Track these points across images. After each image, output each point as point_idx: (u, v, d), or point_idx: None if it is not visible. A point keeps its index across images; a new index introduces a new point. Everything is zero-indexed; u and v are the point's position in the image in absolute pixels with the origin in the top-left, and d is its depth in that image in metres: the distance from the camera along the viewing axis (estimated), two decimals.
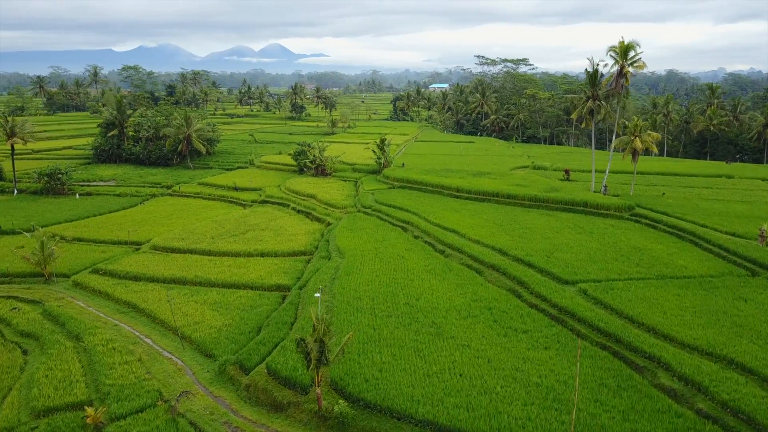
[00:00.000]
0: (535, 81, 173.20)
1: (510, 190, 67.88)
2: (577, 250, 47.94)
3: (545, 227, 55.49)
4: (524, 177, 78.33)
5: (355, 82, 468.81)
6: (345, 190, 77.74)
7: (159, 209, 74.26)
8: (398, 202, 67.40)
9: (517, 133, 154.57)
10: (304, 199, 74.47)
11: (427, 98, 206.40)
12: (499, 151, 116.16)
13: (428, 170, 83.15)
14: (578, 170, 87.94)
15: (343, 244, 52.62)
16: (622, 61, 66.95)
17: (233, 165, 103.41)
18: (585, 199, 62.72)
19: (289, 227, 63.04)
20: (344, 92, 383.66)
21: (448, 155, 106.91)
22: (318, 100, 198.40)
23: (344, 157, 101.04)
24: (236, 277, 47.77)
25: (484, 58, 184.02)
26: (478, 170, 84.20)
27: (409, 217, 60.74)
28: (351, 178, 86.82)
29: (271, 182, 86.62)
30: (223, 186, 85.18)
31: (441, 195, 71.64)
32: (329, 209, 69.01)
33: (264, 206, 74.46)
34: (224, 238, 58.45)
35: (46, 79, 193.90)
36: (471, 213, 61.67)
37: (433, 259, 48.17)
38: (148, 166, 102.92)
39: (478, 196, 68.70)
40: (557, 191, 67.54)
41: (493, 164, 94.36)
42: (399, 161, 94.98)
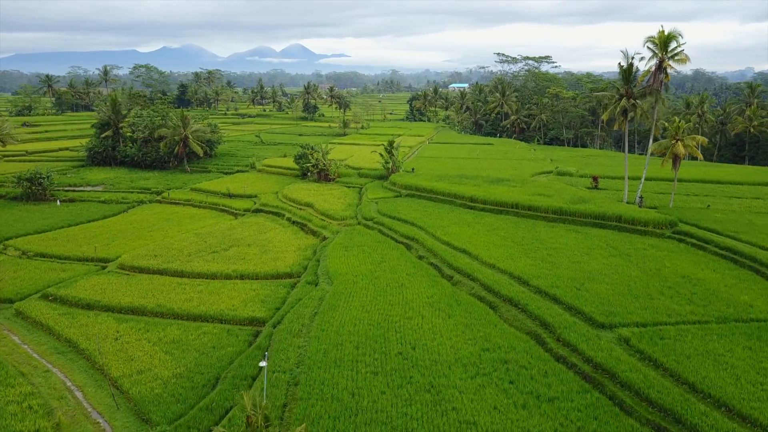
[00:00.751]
0: (558, 80, 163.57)
1: (531, 200, 59.35)
2: (612, 279, 39.37)
3: (573, 247, 46.91)
4: (547, 185, 69.63)
5: (374, 82, 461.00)
6: (347, 199, 69.80)
7: (142, 218, 67.09)
8: (404, 213, 59.29)
9: (538, 134, 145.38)
10: (300, 209, 66.73)
11: (445, 98, 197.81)
12: (520, 154, 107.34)
13: (440, 176, 74.86)
14: (607, 177, 78.94)
15: (334, 266, 44.64)
16: (662, 54, 58.07)
17: (233, 168, 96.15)
18: (618, 213, 53.93)
19: (279, 242, 55.28)
20: (362, 92, 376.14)
21: (463, 159, 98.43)
22: (332, 99, 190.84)
23: (351, 161, 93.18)
24: (204, 306, 40.08)
25: (505, 56, 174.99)
26: (495, 176, 75.69)
27: (414, 233, 52.59)
28: (356, 184, 78.88)
29: (269, 188, 79.05)
30: (216, 192, 77.80)
31: (453, 205, 63.37)
32: (326, 221, 61.14)
33: (257, 216, 66.87)
34: (202, 256, 50.86)
35: (54, 78, 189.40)
36: (486, 228, 53.29)
37: (438, 287, 39.97)
38: (143, 170, 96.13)
39: (495, 207, 60.27)
40: (585, 202, 58.85)
41: (513, 169, 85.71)
42: (410, 165, 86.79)
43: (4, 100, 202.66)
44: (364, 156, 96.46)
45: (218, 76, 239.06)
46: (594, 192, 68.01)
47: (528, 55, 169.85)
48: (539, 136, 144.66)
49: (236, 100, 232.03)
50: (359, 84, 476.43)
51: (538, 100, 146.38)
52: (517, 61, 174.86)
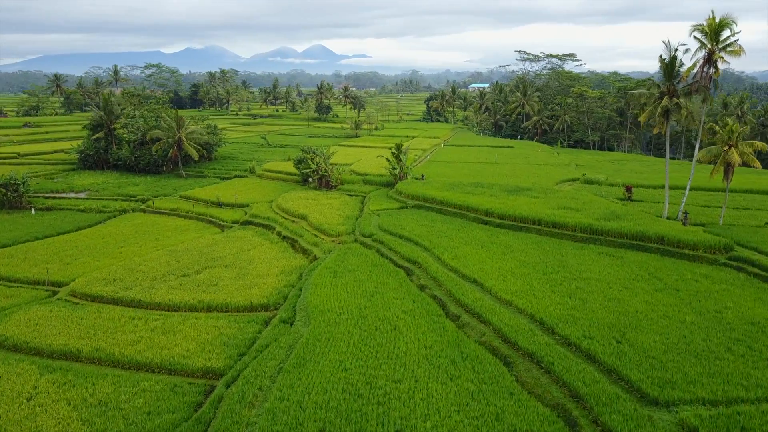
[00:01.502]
0: (583, 79, 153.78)
1: (556, 215, 50.73)
2: (662, 325, 30.76)
3: (608, 278, 38.32)
4: (574, 195, 60.86)
5: (393, 82, 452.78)
6: (347, 210, 61.79)
7: (118, 231, 59.89)
8: (408, 229, 51.11)
9: (562, 136, 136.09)
10: (293, 221, 58.95)
11: (463, 98, 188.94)
12: (542, 158, 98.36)
13: (452, 184, 66.47)
14: (642, 185, 69.84)
15: (316, 299, 36.66)
16: (712, 45, 49.07)
17: (231, 173, 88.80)
18: (660, 232, 45.09)
19: (262, 263, 47.49)
20: (380, 92, 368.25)
21: (480, 163, 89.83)
22: (346, 99, 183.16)
23: (358, 165, 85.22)
24: (153, 351, 32.38)
25: (526, 54, 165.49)
26: (515, 184, 67.10)
27: (417, 255, 44.39)
28: (359, 192, 70.86)
29: (264, 196, 71.45)
30: (206, 201, 70.39)
31: (465, 219, 55.04)
32: (320, 237, 53.22)
33: (245, 229, 59.25)
34: (169, 281, 43.29)
35: (63, 77, 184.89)
36: (502, 250, 44.86)
37: (440, 332, 31.73)
38: (136, 174, 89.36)
39: (514, 223, 51.78)
40: (619, 218, 50.09)
41: (535, 176, 76.94)
42: (421, 171, 78.52)
43: (10, 101, 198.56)
44: (373, 160, 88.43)
45: (231, 76, 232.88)
46: (628, 205, 59.10)
47: (551, 53, 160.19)
48: (562, 139, 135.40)
49: (249, 100, 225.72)
50: (379, 84, 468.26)
51: (562, 100, 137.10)
52: (539, 59, 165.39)
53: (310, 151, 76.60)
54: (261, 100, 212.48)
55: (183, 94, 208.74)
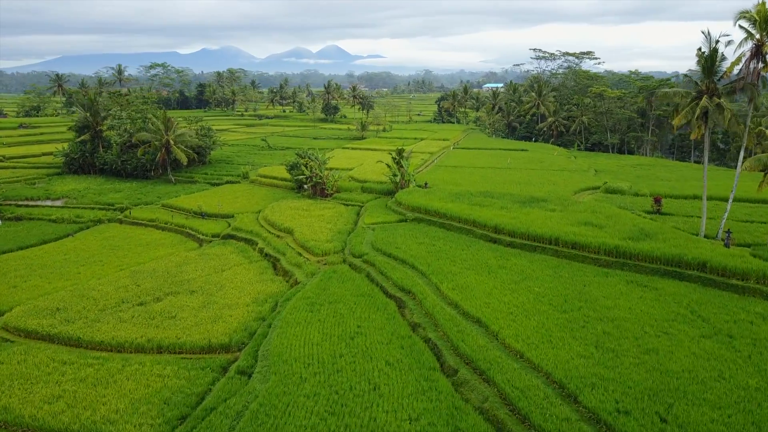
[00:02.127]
0: (602, 78, 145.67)
1: (576, 233, 43.51)
2: (719, 393, 23.55)
3: (641, 317, 31.12)
4: (595, 208, 53.47)
5: (406, 82, 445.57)
6: (339, 223, 54.97)
7: (84, 246, 53.66)
8: (404, 248, 44.19)
9: (579, 138, 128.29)
10: (278, 236, 52.31)
11: (476, 98, 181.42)
12: (559, 162, 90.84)
13: (459, 194, 59.42)
14: (671, 196, 62.30)
15: (282, 343, 29.88)
16: (761, 35, 41.57)
17: (223, 178, 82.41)
18: (701, 257, 37.72)
19: (233, 289, 40.86)
20: (392, 92, 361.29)
21: (491, 169, 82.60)
22: (354, 100, 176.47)
23: (358, 171, 78.46)
24: (72, 412, 25.77)
25: (542, 52, 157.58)
26: (528, 194, 59.89)
27: (412, 282, 37.47)
28: (356, 201, 64.06)
29: (252, 205, 64.92)
30: (189, 211, 64.04)
31: (471, 236, 47.99)
32: (305, 256, 46.46)
33: (224, 244, 52.70)
34: (121, 311, 36.80)
35: (64, 77, 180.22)
36: (513, 277, 37.78)
37: (431, 395, 24.82)
38: (123, 179, 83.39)
39: (527, 242, 44.65)
40: (650, 238, 42.76)
41: (551, 184, 69.60)
42: (426, 177, 71.63)
43: (11, 101, 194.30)
44: (374, 165, 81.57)
45: (239, 76, 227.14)
46: (657, 219, 51.66)
47: (567, 51, 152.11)
48: (579, 141, 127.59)
49: (257, 100, 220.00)
50: (392, 84, 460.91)
51: (579, 101, 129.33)
52: (555, 58, 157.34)
53: (305, 156, 69.91)
54: (268, 101, 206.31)
55: (189, 95, 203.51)
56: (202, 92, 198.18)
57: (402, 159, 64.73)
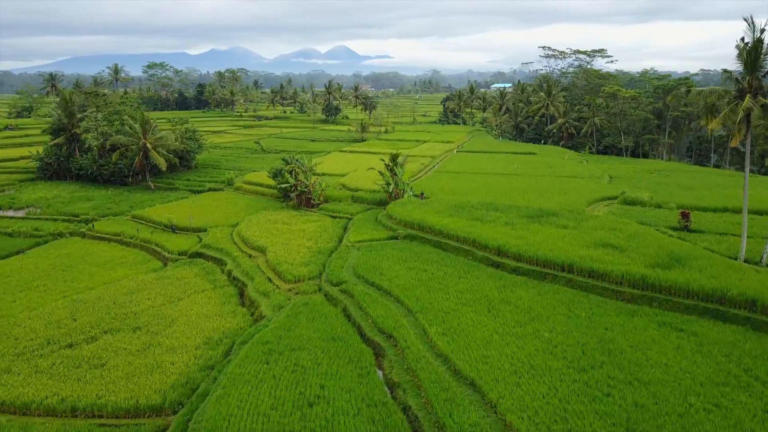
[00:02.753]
0: (615, 77, 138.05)
1: (593, 258, 36.53)
2: None
3: (682, 380, 24.11)
4: (614, 224, 46.36)
5: (412, 83, 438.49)
6: (321, 240, 48.18)
7: (32, 266, 47.18)
8: (391, 275, 37.40)
9: (590, 141, 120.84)
10: (250, 256, 45.66)
11: (482, 98, 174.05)
12: (570, 168, 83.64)
13: (459, 206, 52.51)
14: (698, 208, 55.04)
15: (220, 412, 23.07)
16: None
17: (205, 185, 75.89)
18: (747, 292, 30.60)
19: (185, 325, 34.19)
20: (398, 92, 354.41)
21: (497, 175, 75.57)
22: (356, 100, 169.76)
23: (351, 177, 71.75)
24: None
25: (551, 50, 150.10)
26: (537, 207, 52.91)
27: (396, 323, 30.67)
28: (344, 213, 57.30)
29: (229, 217, 58.33)
30: (160, 223, 57.56)
31: (470, 258, 41.11)
32: (275, 282, 39.71)
33: (190, 264, 46.07)
34: (40, 356, 30.25)
35: (58, 76, 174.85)
36: (518, 317, 30.84)
37: None
38: (100, 185, 77.15)
39: (535, 267, 37.72)
40: (681, 263, 35.73)
41: (562, 193, 62.52)
42: (423, 185, 64.88)
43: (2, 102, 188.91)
44: (370, 170, 74.79)
45: (240, 76, 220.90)
46: (687, 238, 44.51)
47: (579, 49, 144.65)
48: (591, 144, 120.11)
49: (257, 101, 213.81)
50: (399, 85, 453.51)
51: (591, 101, 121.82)
52: (565, 56, 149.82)
53: (293, 161, 63.23)
54: (269, 101, 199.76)
55: (188, 95, 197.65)
56: (202, 92, 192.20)
57: (396, 166, 57.91)
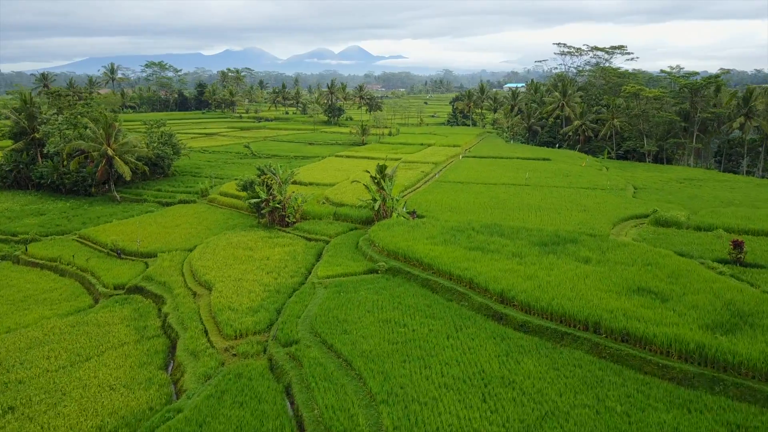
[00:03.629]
0: (635, 76, 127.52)
1: (627, 313, 26.94)
2: None
3: None
4: (648, 255, 36.67)
5: (423, 82, 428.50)
6: (284, 272, 38.98)
7: None
8: (358, 332, 28.12)
9: (609, 144, 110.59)
10: (195, 294, 36.66)
11: (493, 98, 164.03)
12: (588, 176, 73.77)
13: (457, 229, 43.09)
14: (748, 232, 45.06)
15: None
16: None
17: (176, 197, 67.09)
18: None
19: (77, 403, 25.16)
20: (408, 92, 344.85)
21: (505, 186, 66.00)
22: (360, 100, 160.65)
23: (337, 189, 62.57)
24: None
25: (566, 47, 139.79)
26: (552, 229, 43.38)
27: (349, 418, 21.34)
28: (322, 234, 48.11)
29: (190, 238, 49.44)
30: (105, 246, 48.81)
31: (466, 306, 31.68)
32: (211, 337, 30.59)
33: (123, 304, 37.21)
34: None
35: (52, 76, 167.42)
36: (525, 411, 21.30)
37: None
38: (62, 195, 68.80)
39: (549, 324, 28.22)
40: (746, 322, 26.11)
41: (580, 209, 52.85)
42: (417, 199, 55.62)
43: None
44: (365, 178, 65.70)
45: (244, 75, 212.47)
46: (744, 278, 34.70)
47: (597, 45, 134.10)
48: (610, 147, 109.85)
49: (260, 101, 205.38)
50: (411, 85, 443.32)
51: (609, 101, 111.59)
52: (582, 53, 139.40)
53: (268, 171, 54.25)
54: (270, 101, 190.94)
55: (188, 95, 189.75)
56: (202, 93, 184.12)
57: (384, 179, 48.61)
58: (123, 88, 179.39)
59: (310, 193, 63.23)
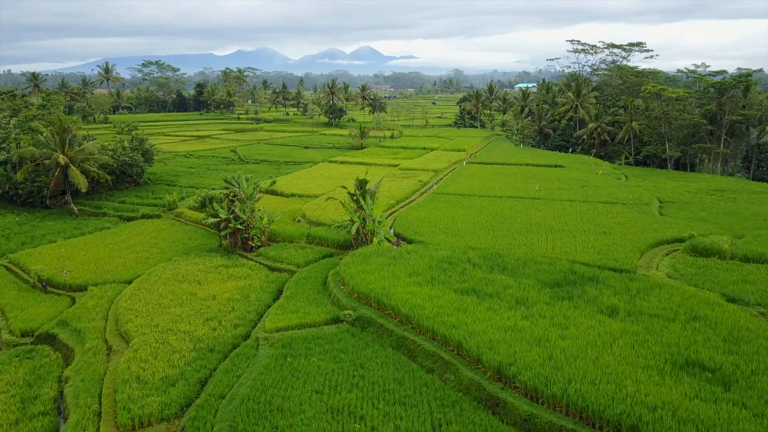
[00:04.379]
0: (656, 74, 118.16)
1: (677, 414, 18.58)
2: None
3: None
4: (690, 302, 28.13)
5: (432, 82, 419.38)
6: (227, 321, 30.64)
7: None
8: (298, 430, 19.97)
9: (627, 149, 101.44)
10: (110, 349, 28.64)
11: (503, 99, 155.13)
12: (607, 188, 65.00)
13: (448, 261, 34.70)
14: None
15: None
16: None
17: (140, 210, 59.17)
18: None
19: None
20: (417, 93, 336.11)
21: (512, 199, 57.51)
22: (363, 101, 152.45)
23: (317, 205, 54.41)
24: None
25: (580, 44, 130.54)
26: (567, 258, 34.98)
27: None
28: (289, 263, 39.88)
29: (134, 266, 41.40)
30: (34, 274, 40.90)
31: (450, 385, 23.34)
32: (102, 427, 22.50)
33: (23, 359, 29.25)
34: None
35: (43, 77, 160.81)
36: None
37: None
38: (18, 207, 61.29)
39: (566, 423, 19.79)
40: None
41: (600, 231, 44.23)
42: (407, 218, 47.41)
43: None
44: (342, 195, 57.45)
45: (244, 75, 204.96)
46: None
47: (613, 42, 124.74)
48: (628, 152, 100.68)
49: (262, 102, 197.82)
50: (423, 84, 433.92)
51: (627, 102, 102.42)
52: (597, 51, 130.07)
53: (235, 183, 46.13)
54: (270, 102, 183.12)
55: (187, 95, 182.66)
56: (201, 93, 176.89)
57: (364, 197, 40.35)
58: (118, 88, 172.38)
59: (288, 208, 55.22)
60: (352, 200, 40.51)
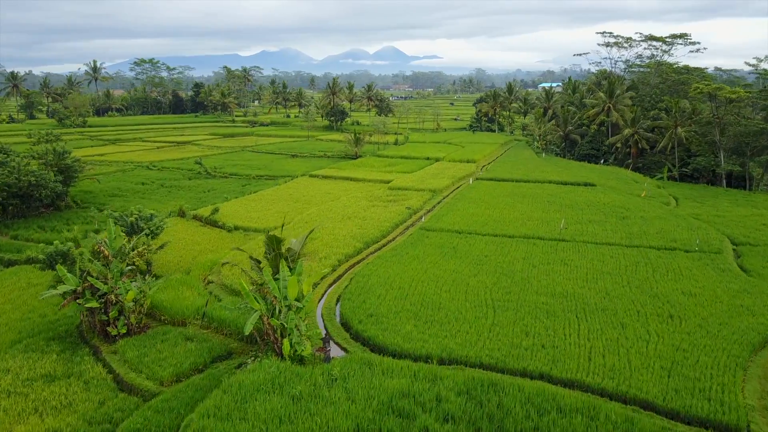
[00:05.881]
0: (703, 71, 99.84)
1: None
2: None
3: None
4: None
5: (451, 82, 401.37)
6: None
7: None
8: None
9: (669, 159, 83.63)
10: None
11: (523, 99, 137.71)
12: (656, 221, 47.91)
13: (398, 410, 18.68)
14: None
15: None
16: None
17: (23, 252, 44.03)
18: None
19: None
20: (435, 92, 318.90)
21: (527, 241, 40.95)
22: (369, 102, 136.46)
23: (254, 246, 38.55)
24: None
25: (612, 36, 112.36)
26: (617, 381, 18.59)
27: None
28: (150, 377, 24.15)
29: None
30: None
31: None
32: None
33: None
34: None
35: (21, 76, 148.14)
36: None
37: None
38: None
39: None
40: None
41: (660, 315, 27.58)
42: (368, 279, 31.52)
43: None
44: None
45: (250, 75, 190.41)
46: None
47: (652, 34, 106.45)
48: (671, 164, 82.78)
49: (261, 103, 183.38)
50: (443, 84, 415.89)
51: (671, 104, 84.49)
52: (632, 44, 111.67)
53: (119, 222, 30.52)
54: (271, 103, 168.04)
55: (184, 96, 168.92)
56: (198, 93, 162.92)
57: (281, 260, 24.30)
58: (108, 88, 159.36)
59: (222, 249, 39.63)
60: (256, 268, 24.54)
